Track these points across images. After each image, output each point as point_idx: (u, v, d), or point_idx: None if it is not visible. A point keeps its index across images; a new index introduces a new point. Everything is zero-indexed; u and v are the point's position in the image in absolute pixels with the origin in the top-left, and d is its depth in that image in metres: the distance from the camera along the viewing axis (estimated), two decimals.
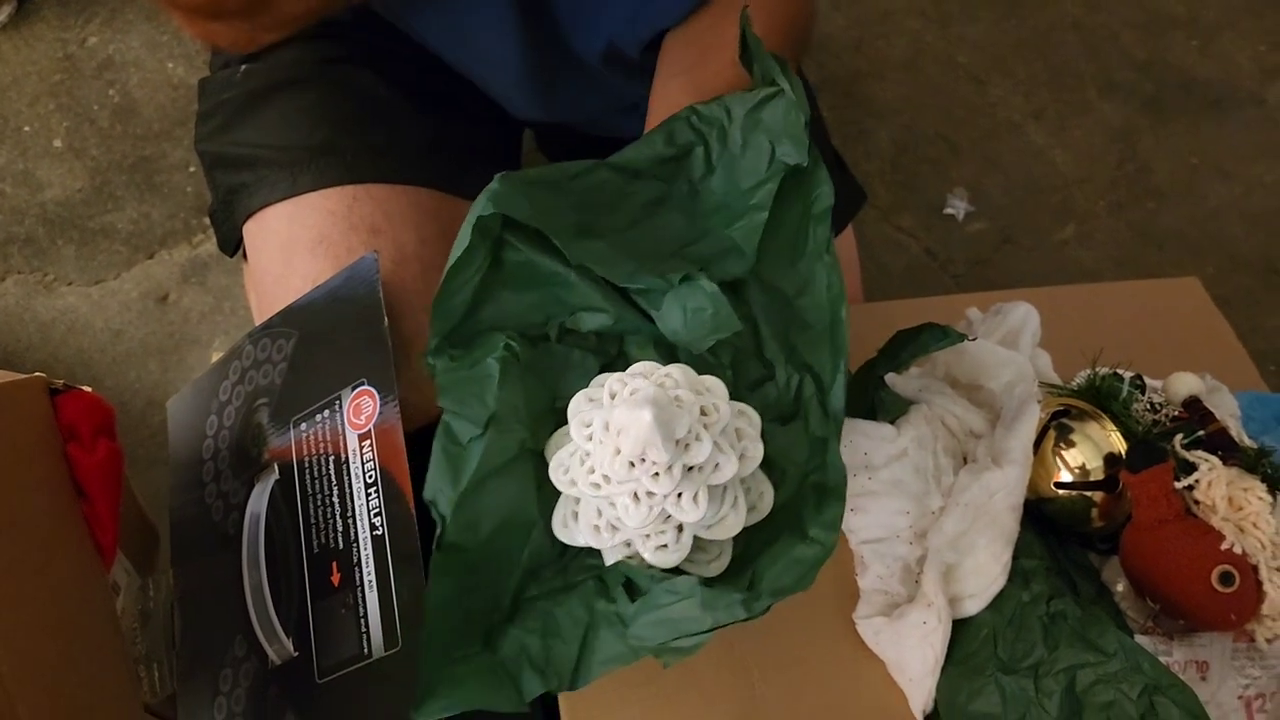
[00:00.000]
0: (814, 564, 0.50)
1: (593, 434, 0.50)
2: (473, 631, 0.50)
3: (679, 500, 0.49)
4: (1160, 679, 0.55)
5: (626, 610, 0.50)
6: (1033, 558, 0.62)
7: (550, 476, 0.52)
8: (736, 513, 0.52)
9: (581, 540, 0.52)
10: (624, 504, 0.49)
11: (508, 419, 0.51)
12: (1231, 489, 0.63)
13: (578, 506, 0.52)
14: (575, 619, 0.51)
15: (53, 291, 1.19)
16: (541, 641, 0.50)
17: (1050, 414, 0.68)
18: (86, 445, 0.58)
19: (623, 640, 0.50)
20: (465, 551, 0.50)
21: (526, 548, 0.52)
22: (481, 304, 0.55)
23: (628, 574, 0.51)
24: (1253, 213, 1.42)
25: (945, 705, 0.59)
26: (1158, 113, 1.50)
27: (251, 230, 0.71)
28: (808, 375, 0.55)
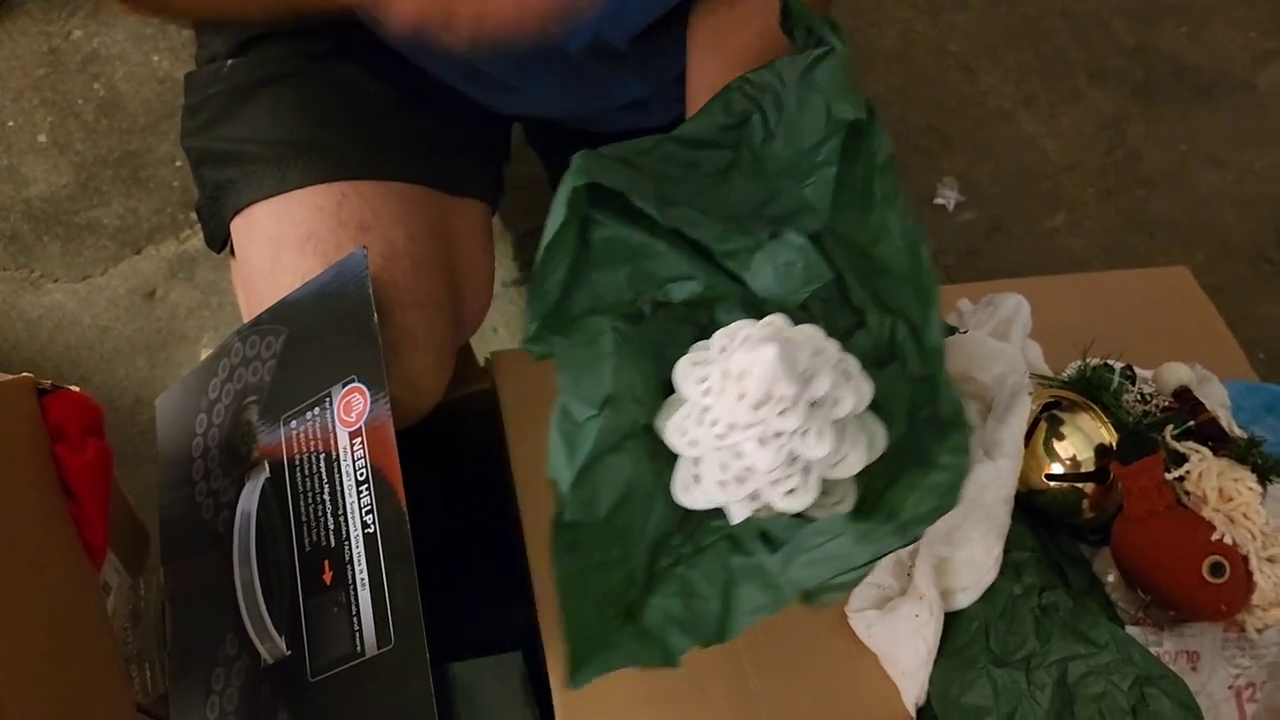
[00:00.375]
0: (951, 487, 0.50)
1: (709, 387, 0.51)
2: (612, 607, 0.51)
3: (804, 437, 0.50)
4: (1151, 670, 0.55)
5: (768, 561, 0.51)
6: (1024, 550, 0.62)
7: (668, 442, 0.53)
8: (857, 450, 0.52)
9: (705, 501, 0.52)
10: (751, 450, 0.50)
11: (624, 397, 0.52)
12: (1222, 480, 0.63)
13: (698, 468, 0.52)
14: (713, 578, 0.51)
15: (39, 288, 1.18)
16: (683, 603, 0.51)
17: (1041, 405, 0.68)
18: (75, 445, 0.57)
19: (766, 590, 0.50)
20: (585, 528, 0.51)
21: (650, 520, 0.53)
22: (572, 289, 0.55)
23: (761, 527, 0.51)
24: (1243, 200, 1.42)
25: (938, 698, 0.59)
26: (1148, 100, 1.50)
27: (239, 227, 0.70)
28: (899, 318, 0.55)
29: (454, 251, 0.73)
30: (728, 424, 0.50)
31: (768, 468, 0.50)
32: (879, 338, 0.56)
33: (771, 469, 0.50)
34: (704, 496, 0.52)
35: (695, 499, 0.52)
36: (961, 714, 0.57)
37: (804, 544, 0.50)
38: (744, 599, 0.51)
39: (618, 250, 0.56)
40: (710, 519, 0.54)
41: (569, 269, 0.55)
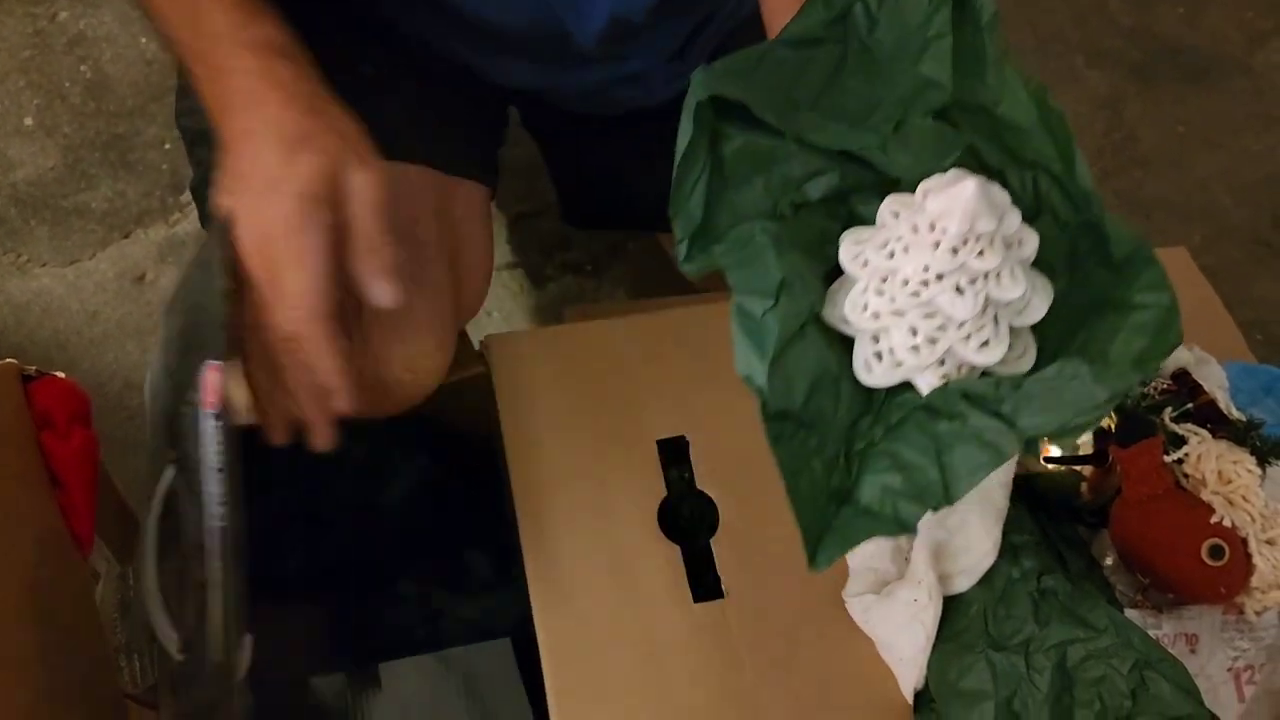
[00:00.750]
0: (1162, 324, 0.49)
1: (893, 250, 0.51)
2: (823, 496, 0.52)
3: (999, 279, 0.50)
4: (1151, 654, 0.55)
5: (981, 420, 0.50)
6: (1022, 533, 0.62)
7: (844, 324, 0.53)
8: (1039, 295, 0.52)
9: (889, 378, 0.52)
10: (948, 301, 0.50)
11: (795, 284, 0.52)
12: (1221, 462, 0.63)
13: (880, 343, 0.52)
14: (922, 448, 0.51)
15: (26, 273, 1.17)
16: (900, 475, 0.51)
17: None
18: (61, 433, 0.57)
19: (984, 448, 0.50)
20: (791, 416, 0.51)
21: (840, 406, 0.53)
22: (712, 207, 0.55)
23: (961, 389, 0.51)
24: (1240, 182, 1.41)
25: (936, 682, 0.59)
26: (1145, 81, 1.49)
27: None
28: (1039, 171, 0.55)
29: (455, 234, 0.73)
30: (920, 280, 0.50)
31: (967, 315, 0.50)
32: (1023, 194, 0.55)
33: (970, 316, 0.50)
34: (889, 373, 0.52)
35: (879, 377, 0.52)
36: (960, 699, 0.57)
37: (1033, 391, 0.49)
38: (961, 460, 0.50)
39: (750, 160, 0.56)
40: (895, 397, 0.54)
41: (707, 187, 0.55)
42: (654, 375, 0.69)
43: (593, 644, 0.60)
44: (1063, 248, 0.54)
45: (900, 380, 0.52)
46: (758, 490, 0.66)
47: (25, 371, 0.57)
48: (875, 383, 0.53)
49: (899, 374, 0.52)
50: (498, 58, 0.77)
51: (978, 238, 0.49)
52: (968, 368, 0.52)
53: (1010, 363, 0.52)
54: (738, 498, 0.65)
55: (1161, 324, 0.49)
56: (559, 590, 0.62)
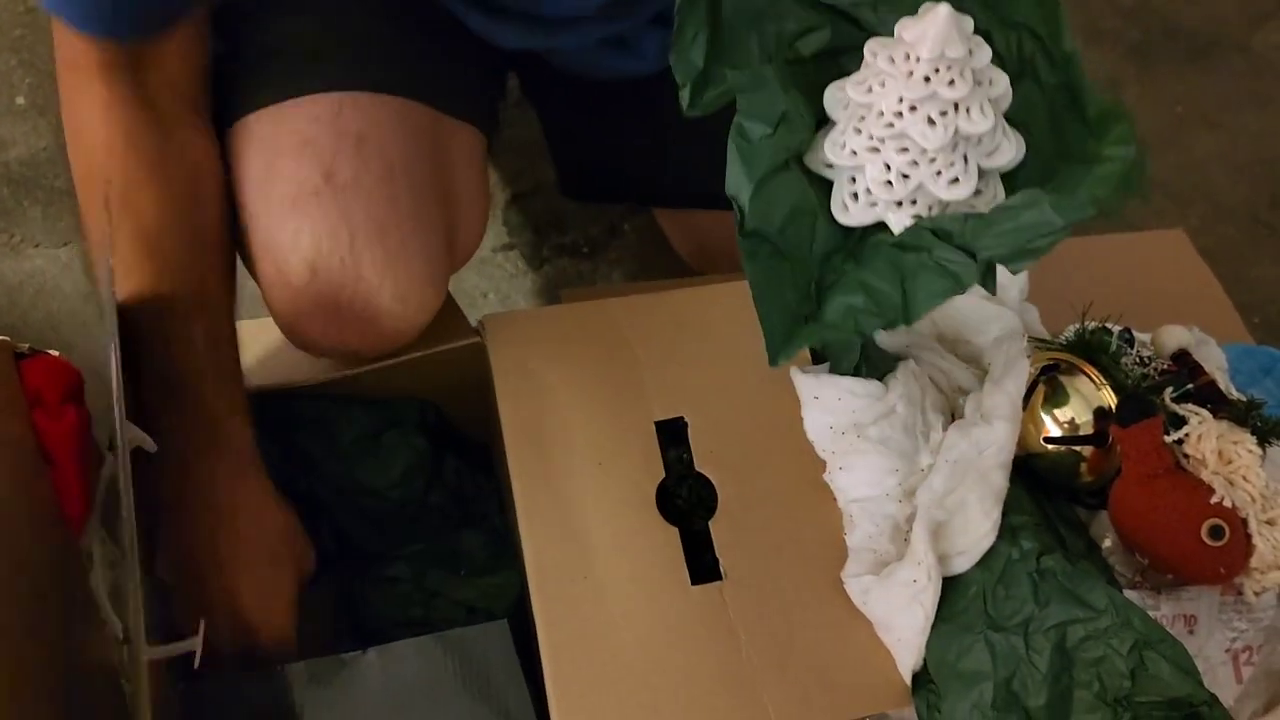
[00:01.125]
0: (1125, 176, 0.53)
1: (871, 86, 0.54)
2: (791, 316, 0.57)
3: (969, 113, 0.53)
4: (1150, 634, 0.55)
5: (945, 250, 0.54)
6: (1022, 514, 0.61)
7: (824, 165, 0.57)
8: (1009, 141, 0.55)
9: (864, 217, 0.56)
10: (919, 132, 0.53)
11: (794, 119, 0.56)
12: (1221, 442, 0.63)
13: (857, 183, 0.56)
14: (888, 275, 0.55)
15: (19, 254, 1.16)
16: (865, 297, 0.56)
17: (1039, 368, 0.67)
18: (52, 411, 0.56)
19: (944, 276, 0.54)
20: (766, 238, 0.56)
21: (815, 239, 0.57)
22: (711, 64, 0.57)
23: (931, 225, 0.54)
24: (1238, 162, 1.40)
25: (934, 663, 0.59)
26: (1143, 60, 1.48)
27: (232, 138, 0.68)
28: (1024, 33, 0.57)
29: (450, 175, 0.72)
30: (895, 112, 0.53)
31: (937, 145, 0.53)
32: (1008, 55, 0.58)
33: (940, 147, 0.53)
34: (864, 211, 0.56)
35: (855, 215, 0.56)
36: (959, 679, 0.57)
37: (995, 220, 0.53)
38: (923, 287, 0.54)
39: (747, 14, 0.58)
40: (869, 237, 0.57)
41: (708, 39, 0.57)
42: (653, 356, 0.69)
43: (590, 625, 0.60)
44: (1042, 108, 0.57)
45: (874, 220, 0.56)
46: (756, 472, 0.66)
47: (17, 349, 0.57)
48: (851, 221, 0.56)
49: (873, 213, 0.56)
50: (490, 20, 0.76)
51: (949, 65, 0.52)
52: (938, 206, 0.55)
53: (979, 207, 0.55)
54: (736, 480, 0.65)
55: (1125, 175, 0.52)
56: (556, 572, 0.62)
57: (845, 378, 0.66)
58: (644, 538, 0.63)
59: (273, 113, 0.66)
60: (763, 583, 0.62)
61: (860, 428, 0.64)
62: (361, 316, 0.65)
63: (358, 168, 0.65)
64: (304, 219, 0.63)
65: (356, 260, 0.64)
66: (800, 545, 0.63)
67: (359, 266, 0.64)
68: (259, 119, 0.67)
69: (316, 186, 0.64)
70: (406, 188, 0.66)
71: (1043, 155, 0.56)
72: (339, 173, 0.64)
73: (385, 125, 0.67)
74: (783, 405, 0.67)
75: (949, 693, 0.57)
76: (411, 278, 0.65)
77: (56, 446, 0.56)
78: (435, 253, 0.68)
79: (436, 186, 0.70)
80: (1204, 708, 0.53)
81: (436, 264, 0.68)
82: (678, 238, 1.05)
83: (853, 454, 0.63)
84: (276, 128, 0.66)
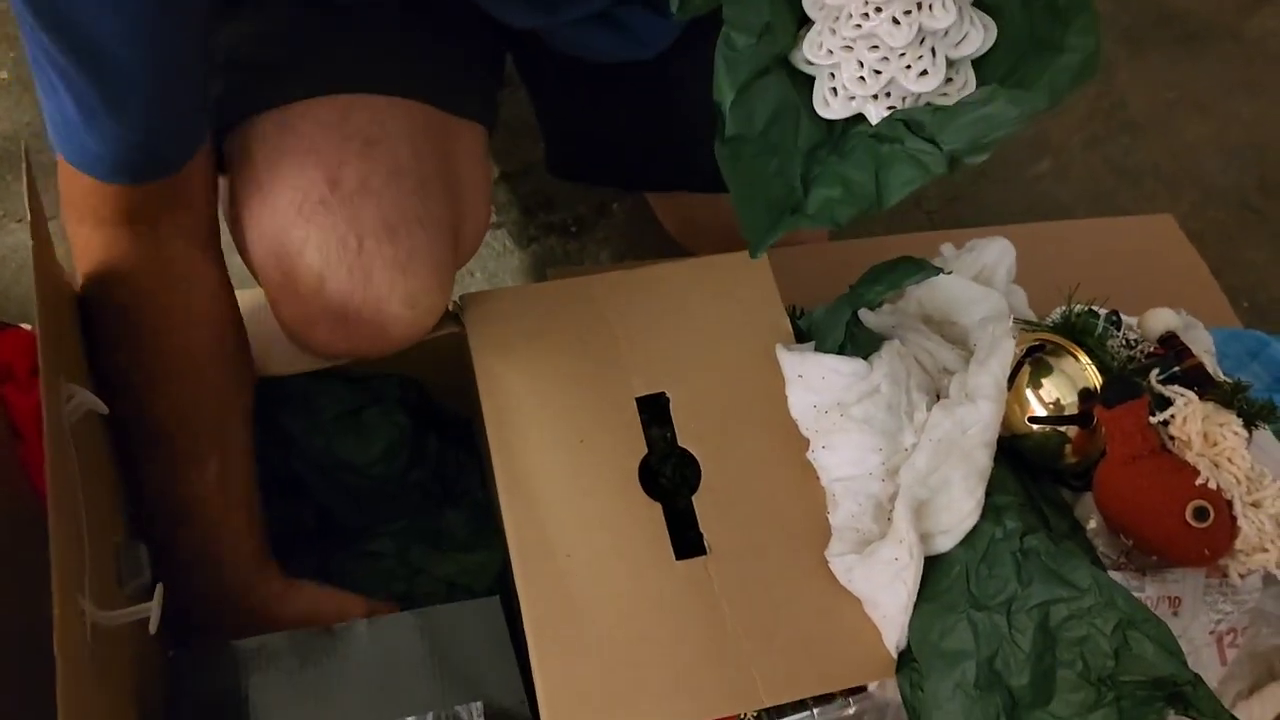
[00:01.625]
0: (1083, 64, 0.55)
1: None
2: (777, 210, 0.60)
3: (931, 10, 0.55)
4: (1134, 614, 0.54)
5: (915, 141, 0.57)
6: (1006, 494, 0.61)
7: (805, 63, 0.59)
8: (976, 29, 0.57)
9: (843, 109, 0.59)
10: (886, 31, 0.55)
11: (777, 27, 0.58)
12: (1207, 424, 0.62)
13: (835, 79, 0.59)
14: (863, 165, 0.59)
15: (3, 228, 1.15)
16: (841, 189, 0.59)
17: (1025, 349, 0.67)
18: (23, 385, 0.55)
19: (914, 165, 0.57)
20: (745, 141, 0.59)
21: (799, 135, 0.60)
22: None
23: (903, 117, 0.58)
24: (1229, 147, 1.40)
25: (917, 642, 0.59)
26: (1134, 45, 1.47)
27: (233, 143, 0.67)
28: None
29: (455, 174, 0.71)
30: (863, 13, 0.56)
31: (904, 42, 0.55)
32: None
33: (907, 44, 0.56)
34: (843, 105, 0.59)
35: (834, 109, 0.59)
36: (942, 658, 0.57)
37: (959, 112, 0.56)
38: (895, 175, 0.58)
39: None
40: (852, 128, 0.61)
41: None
42: (633, 332, 0.68)
43: (574, 602, 0.60)
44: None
45: (853, 113, 0.59)
46: (739, 449, 0.65)
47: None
48: (831, 114, 0.59)
49: (852, 106, 0.59)
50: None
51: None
52: (911, 98, 0.58)
53: (953, 95, 0.58)
54: (719, 455, 0.65)
55: (1083, 65, 0.55)
56: (539, 548, 0.61)
57: (829, 356, 0.65)
58: (627, 513, 0.62)
59: (278, 116, 0.65)
60: (747, 557, 0.62)
61: (844, 406, 0.63)
62: (370, 322, 0.64)
63: (365, 173, 0.64)
64: (310, 228, 0.62)
65: (365, 267, 0.63)
66: (784, 521, 0.63)
67: (368, 273, 0.63)
68: (264, 122, 0.66)
69: (323, 196, 0.63)
70: (413, 190, 0.65)
71: (1015, 40, 0.58)
72: (346, 180, 0.63)
73: (391, 127, 0.66)
74: (766, 382, 0.67)
75: (932, 671, 0.57)
76: (420, 282, 0.65)
77: (26, 420, 0.55)
78: (442, 254, 0.67)
79: (442, 186, 0.69)
80: (1188, 687, 0.53)
81: (443, 266, 0.67)
82: (667, 216, 1.04)
83: (836, 432, 0.63)
84: (281, 132, 0.65)
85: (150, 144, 0.57)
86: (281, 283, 0.64)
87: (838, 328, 0.67)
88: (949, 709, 0.56)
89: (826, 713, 0.60)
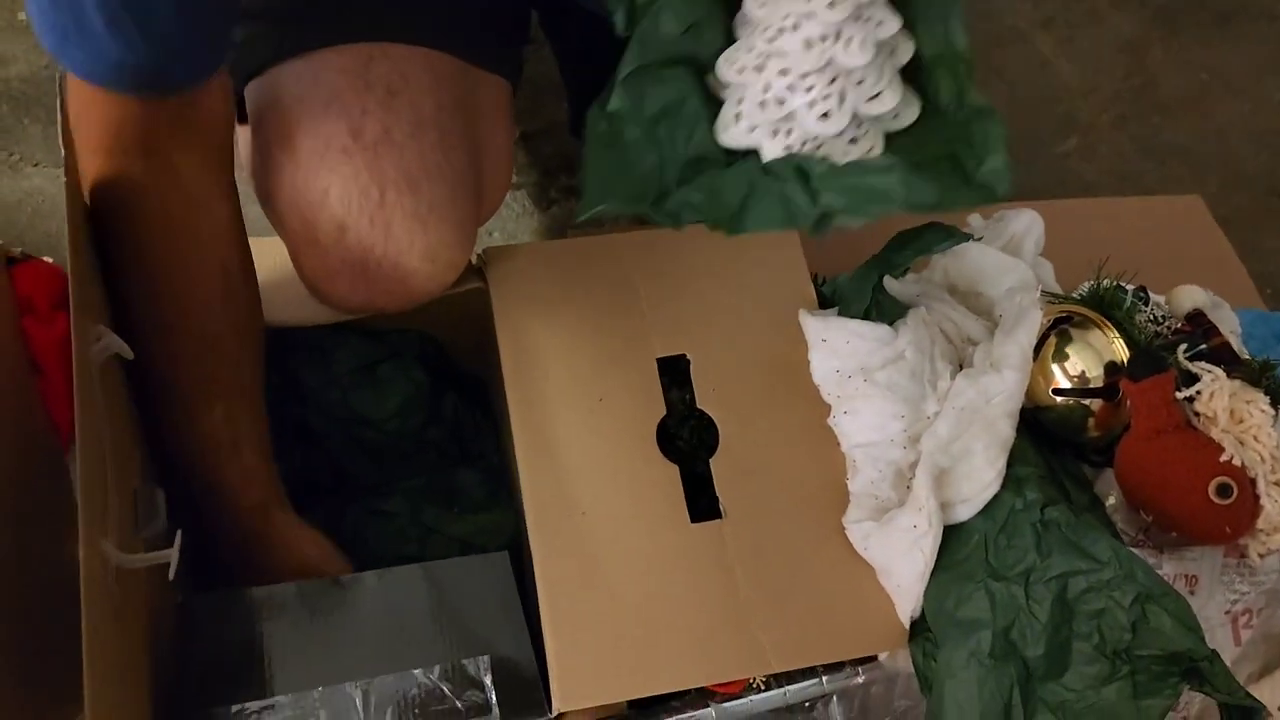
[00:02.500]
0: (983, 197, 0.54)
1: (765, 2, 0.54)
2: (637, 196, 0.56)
3: (847, 45, 0.52)
4: (1153, 588, 0.54)
5: (796, 188, 0.54)
6: (1027, 465, 0.60)
7: (718, 74, 0.56)
8: (893, 93, 0.54)
9: (743, 138, 0.55)
10: (796, 51, 0.52)
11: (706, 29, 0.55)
12: (1234, 401, 0.61)
13: (741, 104, 0.55)
14: (736, 186, 0.55)
15: (18, 172, 1.14)
16: (706, 197, 0.56)
17: (1051, 321, 0.66)
18: (43, 318, 0.55)
19: (782, 208, 0.55)
20: (628, 123, 0.55)
21: (690, 142, 0.56)
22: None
23: (798, 163, 0.55)
24: (1259, 131, 1.38)
25: (932, 611, 0.58)
26: (1169, 24, 1.45)
27: (254, 91, 0.66)
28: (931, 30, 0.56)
29: (478, 128, 0.70)
30: (778, 28, 0.53)
31: (810, 67, 0.52)
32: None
33: (813, 71, 0.52)
34: (742, 134, 0.55)
35: (733, 135, 0.56)
36: (957, 627, 0.56)
37: (849, 172, 0.54)
38: (760, 209, 0.55)
39: None
40: (744, 159, 0.57)
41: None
42: (656, 293, 0.67)
43: (587, 559, 0.59)
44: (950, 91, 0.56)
45: (749, 145, 0.55)
46: (759, 413, 0.65)
47: (10, 254, 0.55)
48: (728, 141, 0.56)
49: (751, 137, 0.55)
50: None
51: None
52: (811, 143, 0.55)
53: (853, 154, 0.55)
54: (738, 419, 0.64)
55: (981, 198, 0.54)
56: (554, 505, 0.61)
57: (854, 321, 0.64)
58: (644, 474, 0.62)
59: (300, 65, 0.64)
60: (762, 523, 0.61)
61: (867, 371, 0.62)
62: (391, 275, 0.64)
63: (388, 123, 0.63)
64: (333, 177, 0.62)
65: (387, 218, 0.62)
66: (802, 487, 0.63)
67: (389, 225, 0.62)
68: (286, 71, 0.65)
69: (345, 145, 0.62)
70: (436, 144, 0.65)
71: (934, 138, 0.55)
72: (368, 129, 0.62)
73: (415, 78, 0.65)
74: (788, 347, 0.66)
75: (946, 640, 0.57)
76: (441, 235, 0.64)
77: (46, 354, 0.55)
78: (465, 208, 0.66)
79: (465, 140, 0.68)
80: (1204, 663, 0.52)
81: (465, 221, 0.66)
82: None
83: (858, 398, 0.62)
84: (303, 81, 0.64)
85: (170, 54, 0.56)
86: (302, 233, 0.63)
87: (864, 294, 0.66)
88: (962, 678, 0.55)
89: (835, 680, 0.60)
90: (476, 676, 0.58)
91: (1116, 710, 0.53)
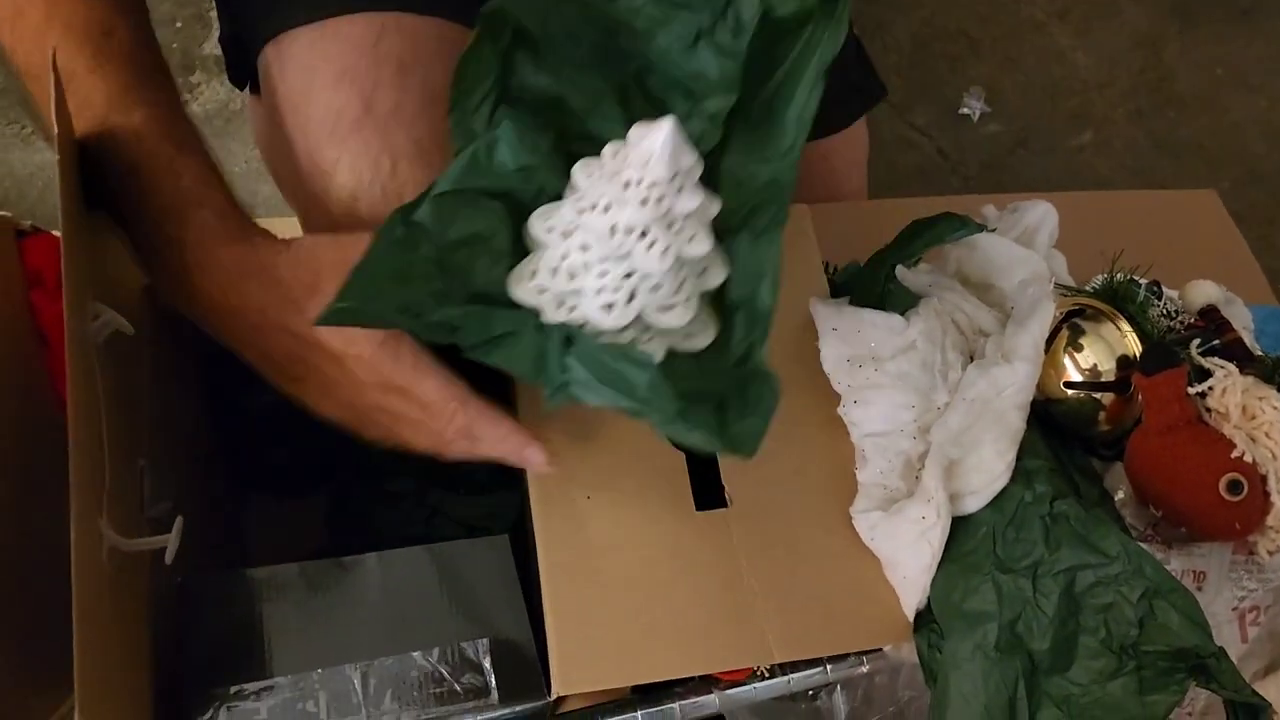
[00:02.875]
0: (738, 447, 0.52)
1: (592, 174, 0.53)
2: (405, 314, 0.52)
3: (649, 248, 0.51)
4: (1162, 583, 0.54)
5: (553, 351, 0.53)
6: (1037, 458, 0.60)
7: (529, 226, 0.54)
8: (687, 307, 0.53)
9: (526, 297, 0.54)
10: (599, 231, 0.51)
11: (540, 176, 0.54)
12: (1246, 397, 0.61)
13: (537, 264, 0.54)
14: (504, 323, 0.53)
15: (30, 145, 1.14)
16: (462, 313, 0.53)
17: (1063, 314, 0.65)
18: (51, 292, 0.54)
19: (531, 361, 0.53)
20: (427, 241, 0.52)
21: (484, 279, 0.54)
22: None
23: (570, 332, 0.53)
24: (1275, 127, 1.37)
25: (939, 603, 0.58)
26: (1186, 19, 1.44)
27: (267, 58, 0.66)
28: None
29: None
30: (591, 203, 0.52)
31: (609, 254, 0.51)
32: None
33: (610, 257, 0.51)
34: (530, 293, 0.54)
35: (523, 291, 0.54)
36: (963, 619, 0.56)
37: (604, 355, 0.52)
38: (512, 350, 0.53)
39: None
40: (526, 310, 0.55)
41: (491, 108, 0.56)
42: None
43: (591, 544, 0.59)
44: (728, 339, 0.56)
45: (533, 306, 0.54)
46: None
47: (19, 226, 0.55)
48: (516, 293, 0.54)
49: (537, 299, 0.53)
50: None
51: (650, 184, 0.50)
52: (590, 327, 0.53)
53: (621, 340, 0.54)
54: None
55: (737, 446, 0.52)
56: (558, 490, 0.61)
57: (866, 310, 0.64)
58: (650, 460, 0.62)
59: (311, 33, 0.64)
60: (769, 512, 0.61)
61: (878, 361, 0.62)
62: None
63: (399, 96, 0.62)
64: (344, 149, 0.61)
65: (399, 191, 0.61)
66: (809, 477, 0.62)
67: (401, 197, 0.61)
68: (297, 39, 0.64)
69: (357, 117, 0.61)
70: (446, 117, 0.64)
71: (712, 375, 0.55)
72: (380, 102, 0.62)
73: (426, 49, 0.64)
74: (798, 336, 0.66)
75: (952, 632, 0.56)
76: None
77: (53, 327, 0.55)
78: None
79: None
80: (1211, 660, 0.52)
81: None
82: None
83: (869, 388, 0.62)
84: (314, 51, 0.63)
85: None
86: (314, 202, 0.63)
87: (875, 283, 0.66)
88: (967, 670, 0.55)
89: (840, 670, 0.60)
90: (475, 659, 0.58)
91: (1122, 705, 0.53)
